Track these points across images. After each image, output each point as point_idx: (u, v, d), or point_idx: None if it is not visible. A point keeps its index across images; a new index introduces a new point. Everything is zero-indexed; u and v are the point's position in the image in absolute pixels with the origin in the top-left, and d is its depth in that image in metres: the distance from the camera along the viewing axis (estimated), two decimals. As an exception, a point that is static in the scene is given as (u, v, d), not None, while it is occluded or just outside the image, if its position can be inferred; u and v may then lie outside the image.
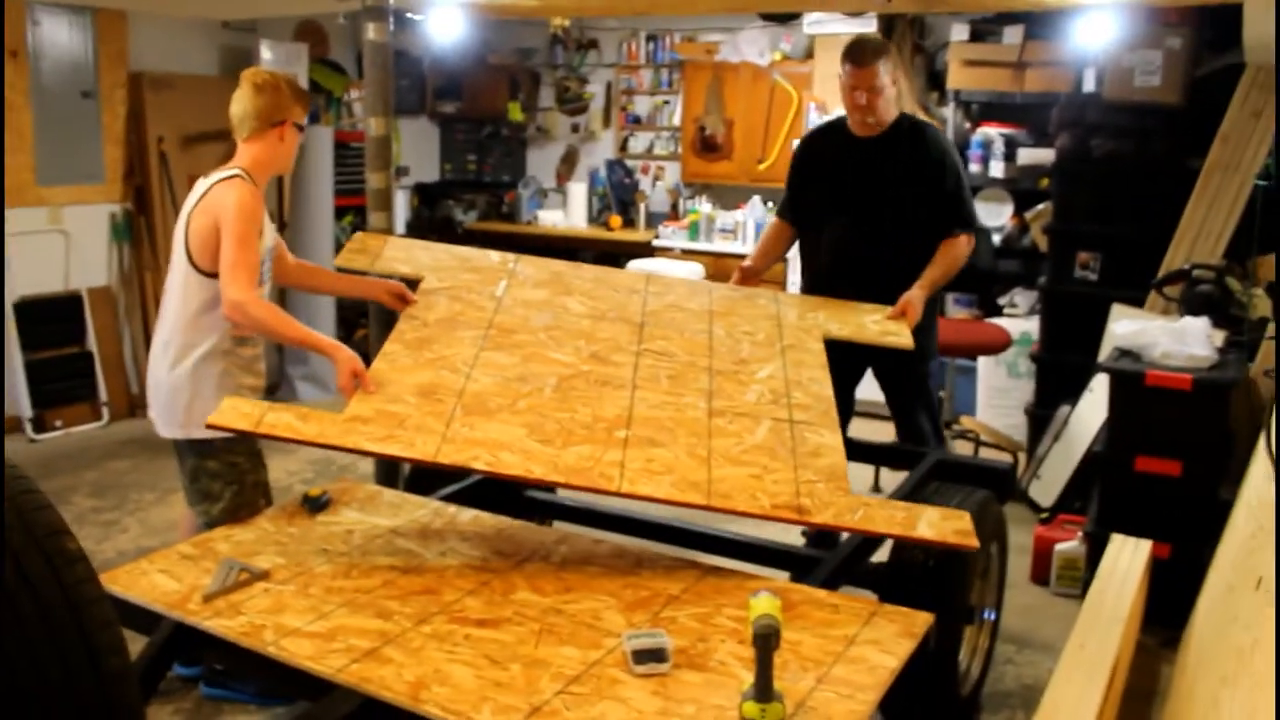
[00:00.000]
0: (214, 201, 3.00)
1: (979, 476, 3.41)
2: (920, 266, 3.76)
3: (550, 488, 3.75)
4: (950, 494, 3.00)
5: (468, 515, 3.04)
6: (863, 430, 4.17)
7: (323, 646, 2.31)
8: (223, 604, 2.50)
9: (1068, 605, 3.99)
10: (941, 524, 2.57)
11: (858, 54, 3.75)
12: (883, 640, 2.32)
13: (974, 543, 2.48)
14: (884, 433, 4.29)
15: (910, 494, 3.16)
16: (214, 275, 2.99)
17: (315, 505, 3.07)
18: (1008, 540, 3.30)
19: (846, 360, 3.64)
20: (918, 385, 3.93)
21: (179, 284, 3.08)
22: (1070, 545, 4.08)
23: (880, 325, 3.61)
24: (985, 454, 5.25)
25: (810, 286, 4.06)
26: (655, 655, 2.20)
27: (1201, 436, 3.69)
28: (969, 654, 3.11)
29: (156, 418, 3.21)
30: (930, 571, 2.77)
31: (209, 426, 2.72)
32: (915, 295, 3.70)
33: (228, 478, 3.16)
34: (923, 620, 2.41)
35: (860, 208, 3.84)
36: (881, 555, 3.07)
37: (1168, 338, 3.80)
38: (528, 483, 2.92)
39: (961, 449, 5.22)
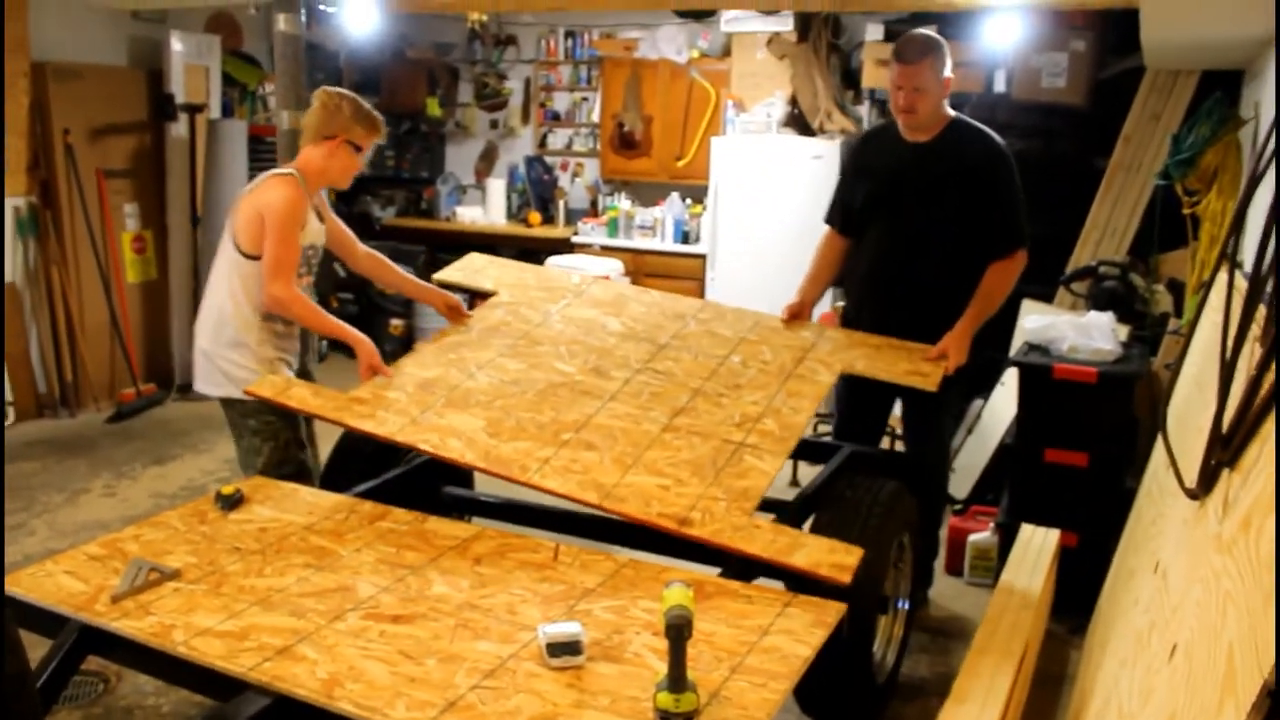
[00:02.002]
0: (262, 195, 3.31)
1: (892, 468, 3.47)
2: (963, 281, 3.57)
3: (469, 484, 3.80)
4: (861, 486, 3.05)
5: (382, 511, 3.01)
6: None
7: (234, 646, 2.28)
8: (131, 604, 2.46)
9: (981, 594, 4.08)
10: (820, 555, 2.55)
11: (905, 50, 3.53)
12: (796, 630, 2.35)
13: (845, 578, 2.46)
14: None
15: (822, 487, 3.21)
16: (252, 257, 3.32)
17: (228, 503, 3.02)
18: (937, 531, 3.36)
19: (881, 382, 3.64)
20: (932, 411, 3.67)
21: (223, 262, 3.40)
22: (983, 536, 4.16)
23: (911, 364, 3.49)
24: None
25: (849, 295, 3.95)
26: (570, 648, 2.20)
27: (1107, 428, 3.80)
28: (883, 643, 3.16)
29: (200, 380, 3.51)
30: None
31: (246, 394, 3.25)
32: (958, 337, 3.52)
33: (265, 434, 3.43)
34: (835, 610, 2.44)
35: (901, 215, 3.65)
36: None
37: (1075, 332, 3.90)
38: (459, 466, 3.04)
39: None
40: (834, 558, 2.56)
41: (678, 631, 1.98)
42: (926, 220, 3.61)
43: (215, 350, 3.43)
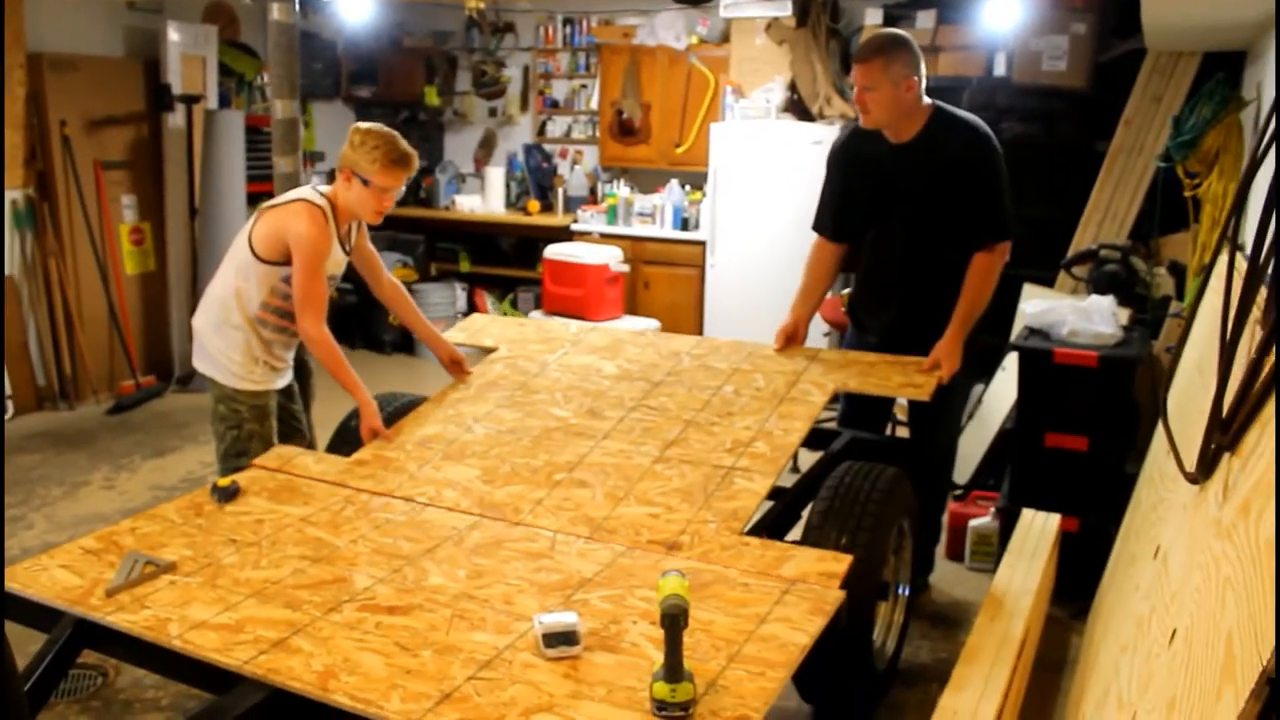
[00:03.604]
0: (287, 221, 3.34)
1: (891, 454, 3.45)
2: (961, 278, 3.52)
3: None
4: (860, 473, 3.03)
5: (379, 502, 3.01)
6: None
7: (229, 639, 2.27)
8: (126, 598, 2.45)
9: (982, 580, 4.06)
10: (808, 565, 2.55)
11: (859, 48, 3.45)
12: (794, 618, 2.34)
13: (834, 585, 2.45)
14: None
15: (819, 475, 3.20)
16: (265, 261, 3.38)
17: (224, 495, 3.01)
18: (940, 517, 3.32)
19: None
20: (938, 396, 3.47)
21: (235, 256, 3.46)
22: (983, 521, 4.15)
23: (905, 376, 3.48)
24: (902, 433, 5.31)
25: (854, 296, 3.91)
26: (566, 638, 2.19)
27: (1108, 412, 3.78)
28: (883, 630, 3.15)
29: (195, 354, 3.60)
30: (841, 550, 2.79)
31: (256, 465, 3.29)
32: (949, 344, 3.48)
33: (229, 421, 3.51)
34: (834, 598, 2.43)
35: (891, 220, 3.60)
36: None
37: (1075, 316, 3.88)
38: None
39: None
40: (822, 566, 2.55)
41: (673, 621, 1.96)
42: (917, 224, 3.56)
43: (207, 333, 3.52)
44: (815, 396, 3.44)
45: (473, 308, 8.13)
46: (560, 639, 2.19)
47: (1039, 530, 3.49)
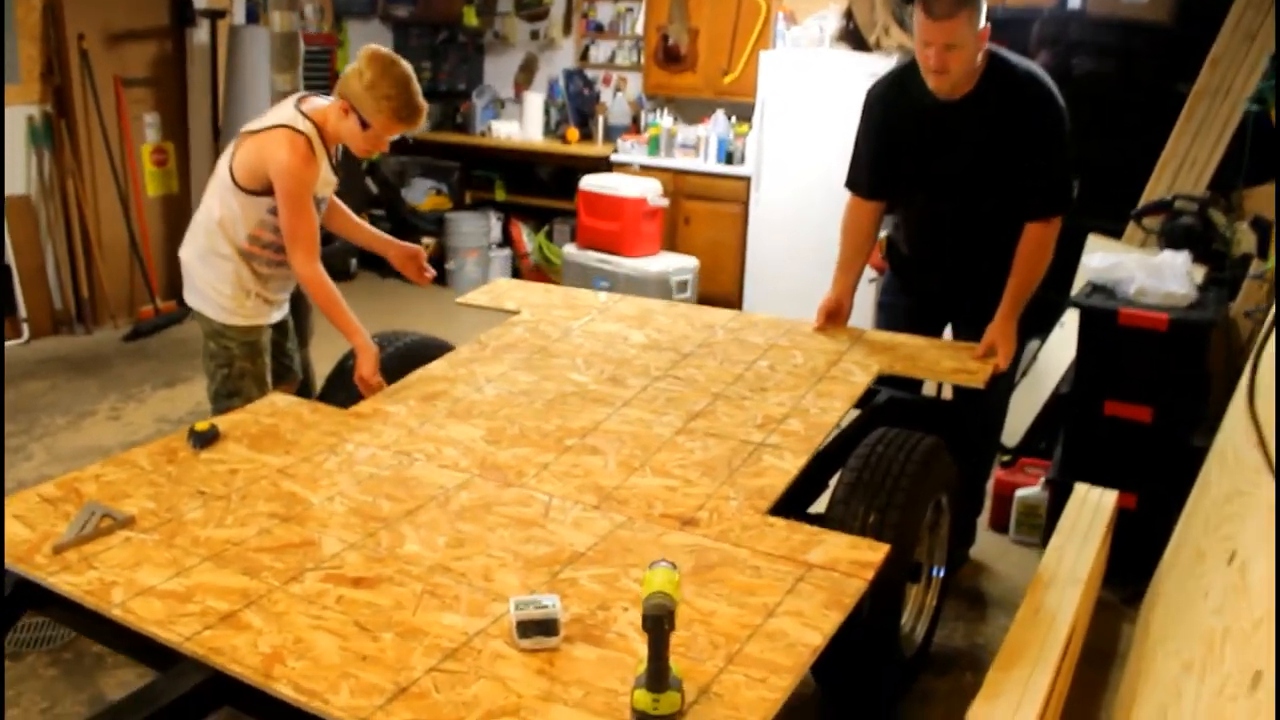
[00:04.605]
0: (268, 148, 3.06)
1: (931, 419, 3.14)
2: (1013, 247, 3.18)
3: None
4: (894, 441, 2.73)
5: (366, 453, 2.76)
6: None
7: (175, 609, 2.03)
8: (74, 556, 2.22)
9: (1026, 554, 3.77)
10: (839, 552, 2.26)
11: (938, 3, 2.96)
12: (806, 612, 2.06)
13: (867, 575, 2.18)
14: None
15: (847, 442, 2.92)
16: (247, 191, 3.13)
17: (201, 440, 2.77)
18: (984, 485, 3.06)
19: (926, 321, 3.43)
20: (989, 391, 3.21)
21: (215, 187, 3.22)
22: (1032, 491, 3.83)
23: (957, 362, 3.19)
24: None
25: (893, 252, 3.59)
26: (543, 627, 1.93)
27: (1176, 381, 3.43)
28: (913, 614, 2.87)
29: (185, 287, 3.38)
30: (869, 530, 2.50)
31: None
32: (1003, 326, 3.18)
33: (220, 359, 3.30)
34: (854, 588, 2.14)
35: (936, 180, 3.26)
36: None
37: (1144, 273, 3.52)
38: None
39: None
40: (854, 554, 2.26)
41: (656, 623, 1.69)
42: (965, 189, 3.23)
43: (194, 265, 3.30)
44: (858, 377, 3.15)
45: (508, 238, 7.86)
46: (536, 628, 1.93)
47: (1093, 507, 3.18)
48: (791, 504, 2.62)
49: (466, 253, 7.50)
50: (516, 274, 7.90)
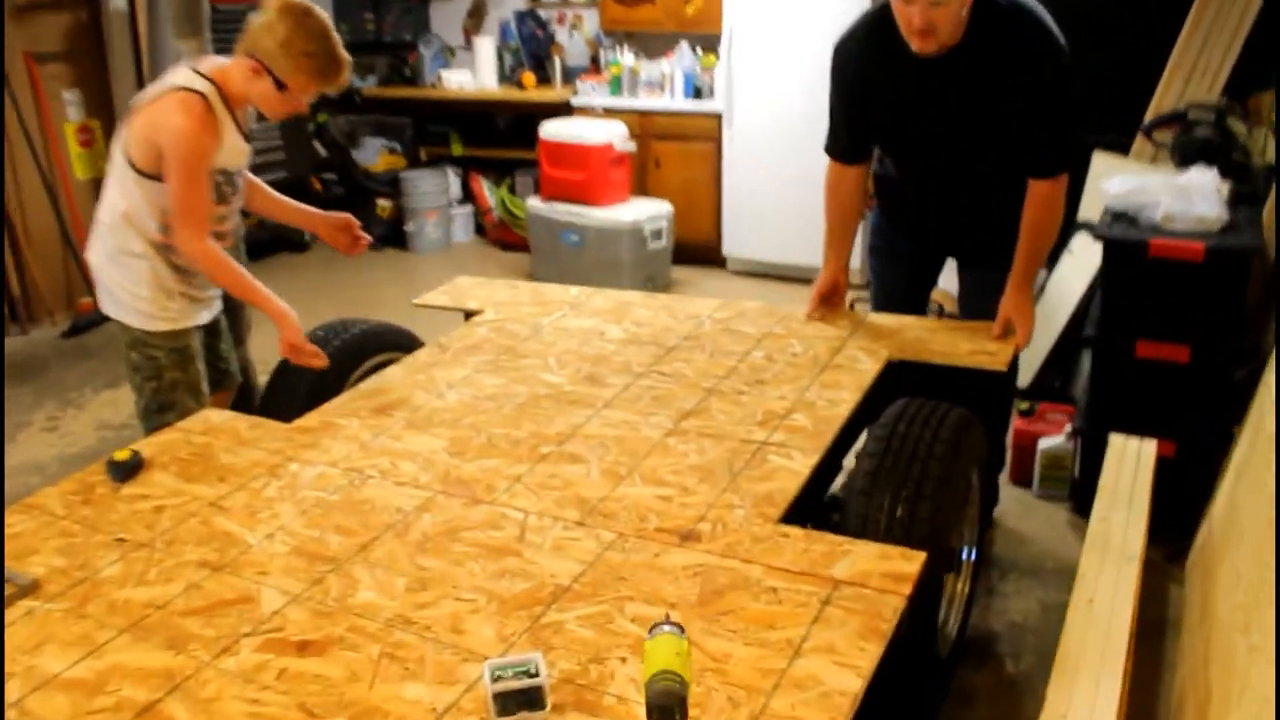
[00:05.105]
0: (158, 116, 2.71)
1: (958, 387, 2.79)
2: (1015, 203, 2.84)
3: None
4: (918, 417, 2.38)
5: (311, 474, 2.40)
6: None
7: (83, 704, 1.69)
8: (-35, 638, 1.87)
9: (1054, 511, 3.47)
10: (869, 564, 1.94)
11: None
12: (839, 645, 1.73)
13: (903, 590, 1.86)
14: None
15: (863, 411, 2.59)
16: (148, 176, 2.79)
17: (122, 472, 2.42)
18: (1004, 438, 2.91)
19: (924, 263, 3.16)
20: (998, 287, 2.94)
21: (114, 175, 2.88)
22: (1055, 441, 3.51)
23: (973, 343, 2.87)
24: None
25: (888, 203, 3.22)
26: (526, 699, 1.59)
27: (1215, 315, 3.09)
28: (948, 606, 2.55)
29: (99, 294, 3.06)
30: (895, 526, 2.17)
31: None
32: (1018, 298, 2.85)
33: (147, 372, 2.98)
34: (890, 608, 1.82)
35: (928, 145, 2.90)
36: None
37: (1170, 196, 3.16)
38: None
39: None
40: (886, 565, 1.92)
41: (665, 714, 1.35)
42: (961, 151, 2.87)
43: (104, 268, 2.95)
44: (865, 364, 2.81)
45: (469, 194, 7.44)
46: (519, 700, 1.59)
47: (1134, 461, 2.85)
48: (803, 502, 2.28)
49: (426, 213, 7.09)
50: (480, 231, 7.50)
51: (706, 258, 6.62)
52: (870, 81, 2.88)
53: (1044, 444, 3.54)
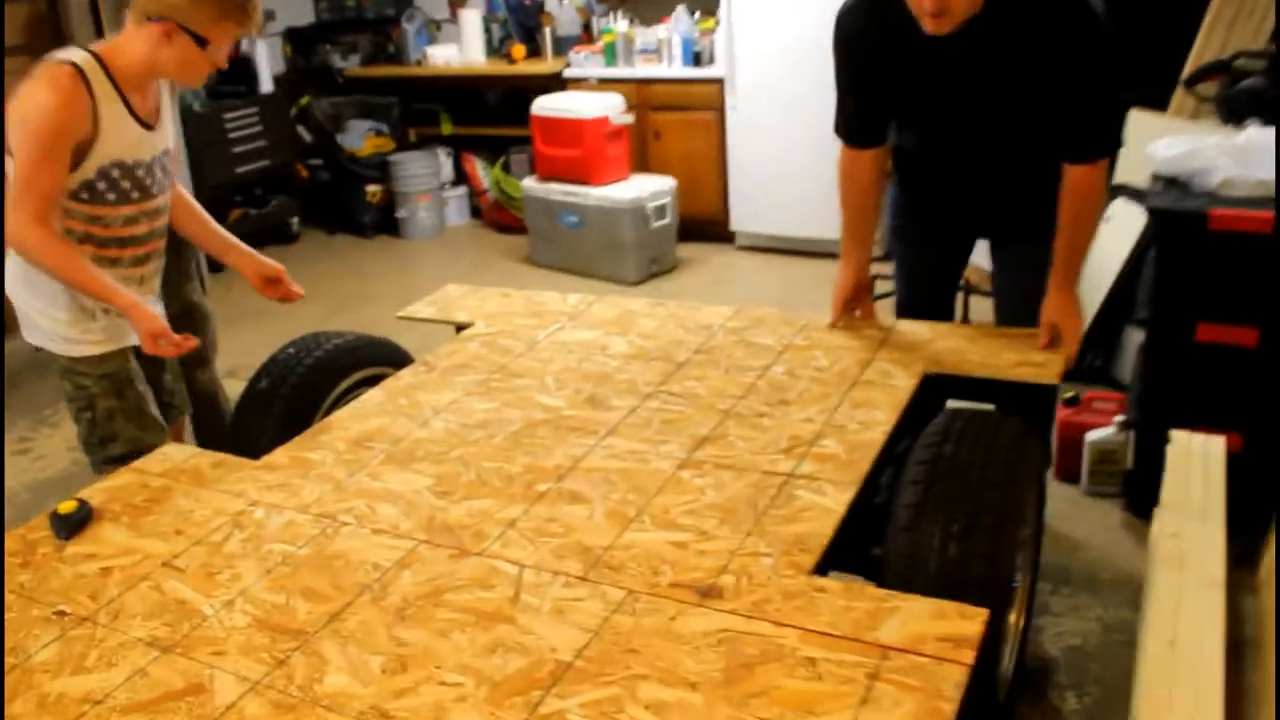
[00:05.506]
0: (22, 91, 2.42)
1: (999, 384, 2.50)
2: (1052, 200, 2.54)
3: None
4: (968, 435, 2.09)
5: (279, 522, 2.12)
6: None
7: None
8: None
9: (1106, 511, 3.18)
10: (922, 625, 1.65)
11: None
12: (896, 737, 1.44)
13: (965, 659, 1.58)
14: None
15: (897, 438, 2.30)
16: None
17: (67, 527, 2.15)
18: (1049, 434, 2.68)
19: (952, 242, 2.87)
20: (1038, 265, 2.64)
21: (4, 176, 2.51)
22: (1105, 433, 3.22)
23: (1017, 353, 2.57)
24: (985, 305, 4.36)
25: (908, 176, 2.91)
26: (523, 831, 1.31)
27: (1285, 292, 2.78)
28: (1006, 646, 2.27)
29: (21, 323, 2.78)
30: (949, 566, 1.88)
31: None
32: (1061, 302, 2.54)
33: (80, 402, 2.72)
34: (952, 682, 1.53)
35: (949, 127, 2.63)
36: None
37: (1228, 159, 2.85)
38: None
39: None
40: (942, 627, 1.63)
41: None
42: (985, 134, 2.59)
43: (18, 292, 2.68)
44: (899, 380, 2.50)
45: (461, 175, 7.13)
46: (512, 831, 1.32)
47: (1202, 462, 2.55)
48: (839, 538, 1.99)
49: (417, 197, 6.78)
50: (476, 213, 7.20)
51: (714, 234, 6.30)
52: (878, 62, 2.57)
53: (1092, 437, 3.24)
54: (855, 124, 2.72)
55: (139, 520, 2.18)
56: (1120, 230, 3.75)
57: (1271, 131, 2.96)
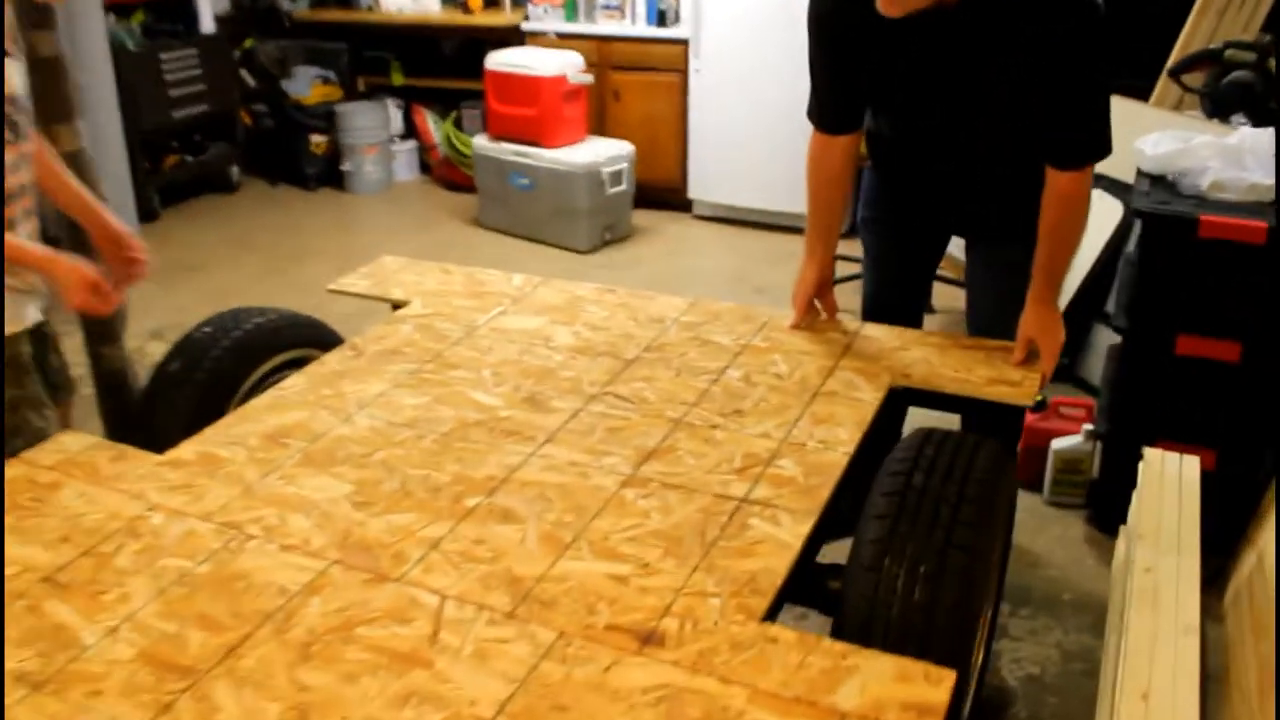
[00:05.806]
0: None
1: (980, 411, 2.34)
2: (1035, 197, 2.37)
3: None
4: (938, 464, 1.92)
5: (178, 532, 1.92)
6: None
7: None
8: None
9: (1069, 523, 3.06)
10: (884, 688, 1.49)
11: None
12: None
13: None
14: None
15: (859, 464, 2.13)
16: None
17: (-60, 527, 1.93)
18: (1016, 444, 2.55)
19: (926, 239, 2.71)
20: (1017, 264, 2.50)
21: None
22: (1071, 442, 3.09)
23: (992, 369, 2.40)
24: (955, 294, 4.22)
25: (882, 161, 2.72)
26: None
27: (1275, 306, 2.63)
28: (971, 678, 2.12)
29: None
30: (913, 611, 1.71)
31: None
32: (1040, 315, 2.38)
33: None
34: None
35: (928, 117, 2.46)
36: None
37: (1220, 159, 2.69)
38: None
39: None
40: (905, 691, 1.47)
41: None
42: (966, 127, 2.41)
43: None
44: (864, 393, 2.32)
45: (411, 128, 6.85)
46: None
47: (1175, 486, 2.42)
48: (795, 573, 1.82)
49: (364, 150, 6.51)
50: (425, 169, 6.93)
51: (671, 201, 6.10)
52: (853, 45, 2.38)
53: (1057, 445, 3.11)
54: (827, 107, 2.53)
55: (22, 523, 1.96)
56: (1094, 223, 3.59)
57: (1266, 133, 2.80)
